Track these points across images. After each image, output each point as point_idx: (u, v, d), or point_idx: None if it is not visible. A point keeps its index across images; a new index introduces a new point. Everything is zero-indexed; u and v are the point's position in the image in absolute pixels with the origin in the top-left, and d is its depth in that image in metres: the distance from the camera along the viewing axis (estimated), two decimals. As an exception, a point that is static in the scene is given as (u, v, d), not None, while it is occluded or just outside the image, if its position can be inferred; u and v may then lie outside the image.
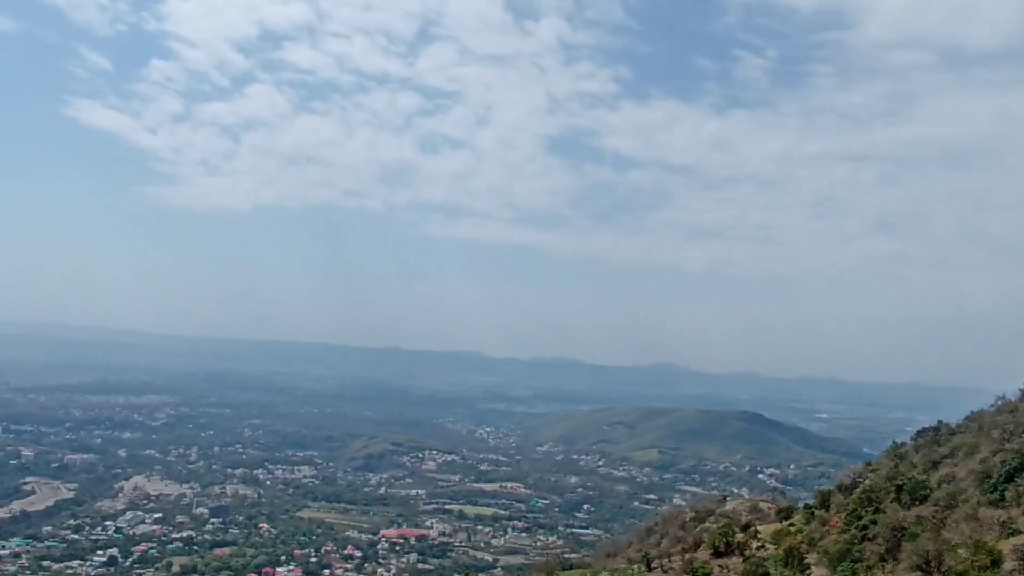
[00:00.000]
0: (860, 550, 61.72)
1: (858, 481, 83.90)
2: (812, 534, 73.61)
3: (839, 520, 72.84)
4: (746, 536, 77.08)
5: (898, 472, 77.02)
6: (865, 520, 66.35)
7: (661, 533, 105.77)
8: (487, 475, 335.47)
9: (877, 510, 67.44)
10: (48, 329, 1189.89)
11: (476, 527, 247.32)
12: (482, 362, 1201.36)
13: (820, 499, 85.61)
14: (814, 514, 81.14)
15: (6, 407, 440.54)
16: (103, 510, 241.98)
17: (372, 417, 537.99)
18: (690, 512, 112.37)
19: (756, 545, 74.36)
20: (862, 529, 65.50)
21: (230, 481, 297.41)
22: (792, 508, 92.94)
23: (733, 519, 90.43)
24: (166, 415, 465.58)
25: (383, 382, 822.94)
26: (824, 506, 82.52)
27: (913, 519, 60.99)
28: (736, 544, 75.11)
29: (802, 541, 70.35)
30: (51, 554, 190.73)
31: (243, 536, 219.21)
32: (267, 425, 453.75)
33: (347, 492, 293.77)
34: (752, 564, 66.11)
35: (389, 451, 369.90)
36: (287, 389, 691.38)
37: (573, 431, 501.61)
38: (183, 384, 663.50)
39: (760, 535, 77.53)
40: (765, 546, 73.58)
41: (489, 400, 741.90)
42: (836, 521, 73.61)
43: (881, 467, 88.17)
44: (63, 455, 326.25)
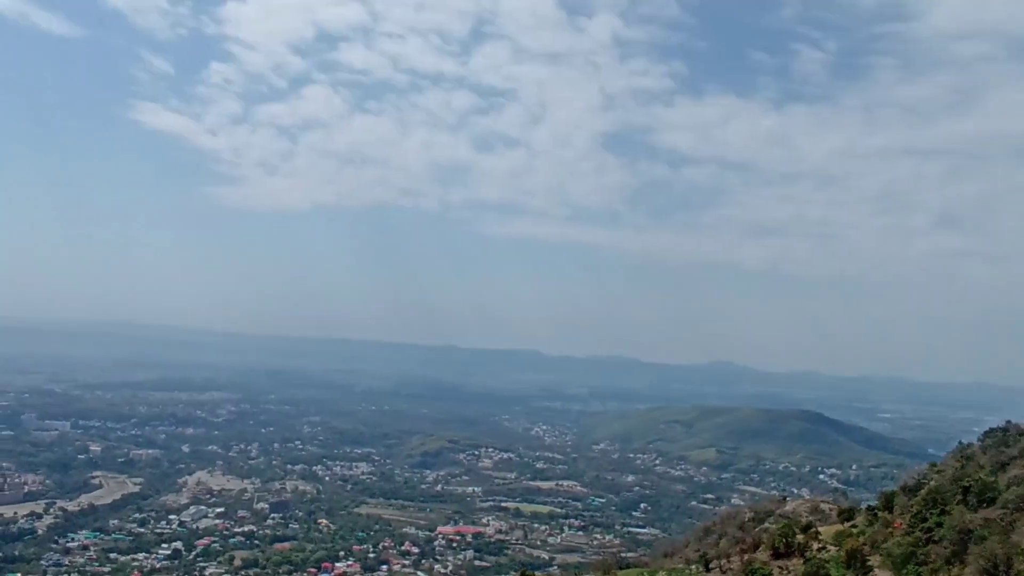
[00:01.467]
0: (925, 553, 60.22)
1: (923, 482, 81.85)
2: (875, 536, 71.97)
3: (903, 522, 71.10)
4: (807, 537, 75.71)
5: (965, 473, 74.87)
6: (930, 522, 64.65)
7: (719, 533, 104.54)
8: (543, 473, 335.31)
9: (943, 512, 65.62)
10: (115, 327, 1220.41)
11: (532, 525, 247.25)
12: (538, 360, 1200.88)
13: (883, 500, 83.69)
14: (877, 516, 79.35)
15: (75, 403, 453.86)
16: (167, 504, 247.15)
17: (428, 415, 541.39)
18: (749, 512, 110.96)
19: (817, 547, 72.97)
20: (927, 531, 63.86)
21: (290, 477, 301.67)
22: (854, 509, 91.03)
23: (793, 520, 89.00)
24: (228, 412, 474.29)
25: (439, 380, 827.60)
26: (888, 508, 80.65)
27: (980, 522, 59.26)
28: (796, 545, 73.83)
29: (865, 543, 68.80)
30: (118, 547, 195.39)
31: (303, 531, 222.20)
32: (326, 422, 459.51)
33: (404, 489, 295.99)
34: (813, 566, 64.90)
35: (445, 448, 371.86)
36: (345, 386, 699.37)
37: (629, 429, 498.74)
38: (244, 381, 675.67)
39: (821, 536, 76.09)
40: (826, 548, 72.16)
41: (545, 398, 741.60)
42: (900, 523, 71.87)
43: (947, 468, 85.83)
44: (129, 450, 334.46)
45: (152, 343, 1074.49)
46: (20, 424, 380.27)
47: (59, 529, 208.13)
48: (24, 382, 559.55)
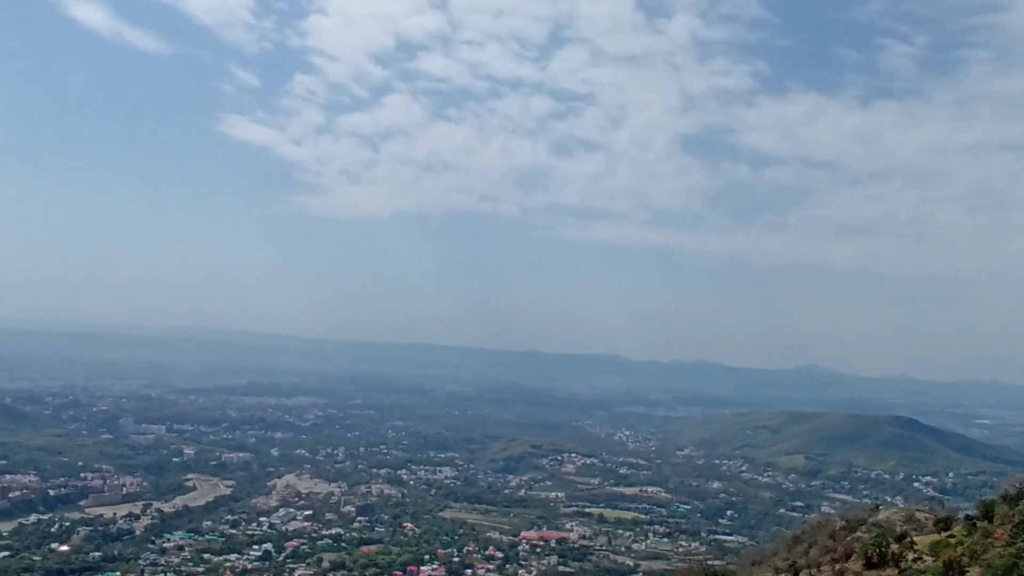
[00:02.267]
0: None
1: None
2: (974, 547, 69.10)
3: (1004, 532, 68.17)
4: (901, 547, 73.16)
5: (1071, 482, 71.47)
6: (1034, 533, 61.88)
7: (809, 542, 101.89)
8: (627, 479, 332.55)
9: (1048, 523, 62.76)
10: (206, 334, 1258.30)
11: (616, 531, 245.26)
12: (621, 365, 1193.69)
13: (983, 510, 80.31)
14: (976, 525, 76.17)
15: (169, 408, 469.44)
16: (258, 506, 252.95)
17: (511, 419, 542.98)
18: (840, 521, 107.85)
19: (912, 557, 70.48)
20: (1031, 543, 61.11)
21: (375, 481, 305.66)
22: (951, 519, 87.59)
23: (887, 529, 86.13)
24: (315, 416, 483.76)
25: (522, 385, 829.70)
26: (987, 517, 77.36)
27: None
28: (890, 555, 71.39)
29: (963, 554, 66.14)
30: (211, 547, 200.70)
31: (388, 534, 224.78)
32: (410, 427, 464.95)
33: (488, 493, 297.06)
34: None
35: (528, 453, 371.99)
36: (428, 391, 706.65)
37: (714, 435, 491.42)
38: (330, 386, 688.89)
39: (917, 547, 73.44)
40: (922, 558, 69.63)
41: (628, 403, 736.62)
42: (1001, 533, 68.91)
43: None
44: (221, 453, 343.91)
45: (241, 349, 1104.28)
46: (119, 428, 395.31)
47: (155, 529, 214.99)
48: (122, 387, 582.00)
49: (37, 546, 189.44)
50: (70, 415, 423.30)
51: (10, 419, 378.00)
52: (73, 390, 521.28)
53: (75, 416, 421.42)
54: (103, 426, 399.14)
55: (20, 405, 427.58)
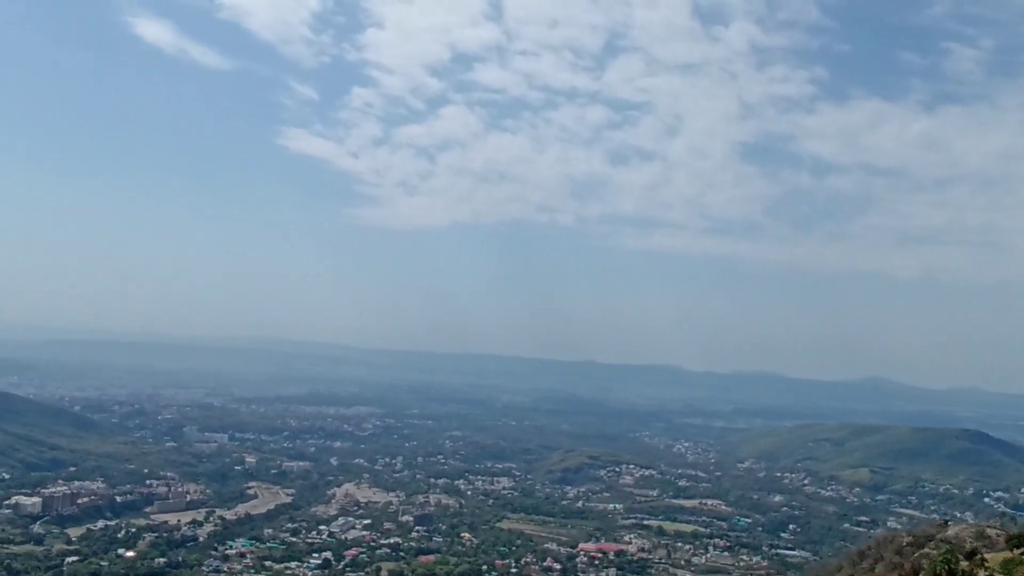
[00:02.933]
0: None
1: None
2: (1050, 565, 66.83)
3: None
4: (971, 564, 71.08)
5: None
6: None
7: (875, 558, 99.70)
8: (686, 491, 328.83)
9: None
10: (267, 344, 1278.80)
11: (676, 544, 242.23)
12: (679, 376, 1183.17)
13: (1059, 527, 77.73)
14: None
15: (232, 416, 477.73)
16: (317, 515, 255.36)
17: (568, 430, 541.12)
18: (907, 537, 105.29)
19: (983, 574, 68.38)
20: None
21: (433, 490, 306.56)
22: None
23: (956, 546, 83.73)
24: (373, 426, 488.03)
25: (578, 395, 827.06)
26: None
27: None
28: (960, 573, 69.39)
29: (1038, 573, 63.98)
30: (272, 555, 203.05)
31: (446, 544, 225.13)
32: (467, 437, 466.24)
33: (545, 504, 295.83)
34: (980, 595, 60.81)
35: (586, 464, 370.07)
36: (485, 402, 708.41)
37: (775, 448, 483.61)
38: (388, 396, 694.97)
39: (988, 564, 71.25)
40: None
41: (686, 414, 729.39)
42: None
43: None
44: (281, 462, 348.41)
45: (301, 359, 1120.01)
46: (183, 436, 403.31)
47: (218, 536, 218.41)
48: (186, 396, 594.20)
49: (104, 551, 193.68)
50: (136, 423, 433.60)
51: (79, 427, 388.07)
52: (139, 399, 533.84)
53: (141, 424, 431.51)
54: (168, 434, 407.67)
55: (88, 413, 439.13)
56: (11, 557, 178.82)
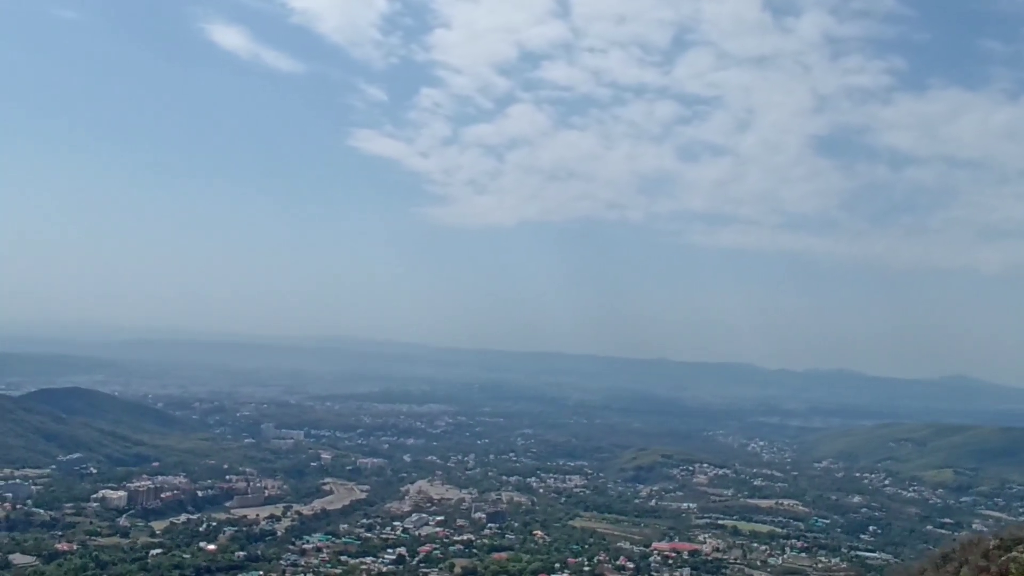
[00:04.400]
0: None
1: None
2: None
3: None
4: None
5: None
6: None
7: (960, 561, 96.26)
8: (761, 491, 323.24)
9: None
10: (340, 343, 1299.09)
11: (751, 544, 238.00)
12: (753, 374, 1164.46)
13: None
14: None
15: (307, 414, 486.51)
16: (391, 511, 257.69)
17: (640, 428, 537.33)
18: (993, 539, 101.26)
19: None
20: None
21: (505, 488, 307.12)
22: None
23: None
24: (445, 423, 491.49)
25: (651, 394, 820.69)
26: None
27: None
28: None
29: None
30: (347, 550, 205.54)
31: (519, 542, 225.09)
32: (538, 434, 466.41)
33: (617, 503, 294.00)
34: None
35: (659, 463, 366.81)
36: (557, 400, 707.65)
37: (854, 447, 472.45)
38: (460, 394, 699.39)
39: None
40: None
41: (761, 413, 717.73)
42: None
43: None
44: (356, 459, 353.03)
45: (374, 358, 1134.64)
46: (260, 433, 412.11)
47: (295, 531, 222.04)
48: (263, 394, 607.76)
49: (187, 544, 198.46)
50: (216, 420, 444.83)
51: (162, 423, 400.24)
52: (218, 396, 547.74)
53: (220, 421, 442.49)
54: (246, 431, 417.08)
55: (171, 410, 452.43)
56: (99, 549, 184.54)
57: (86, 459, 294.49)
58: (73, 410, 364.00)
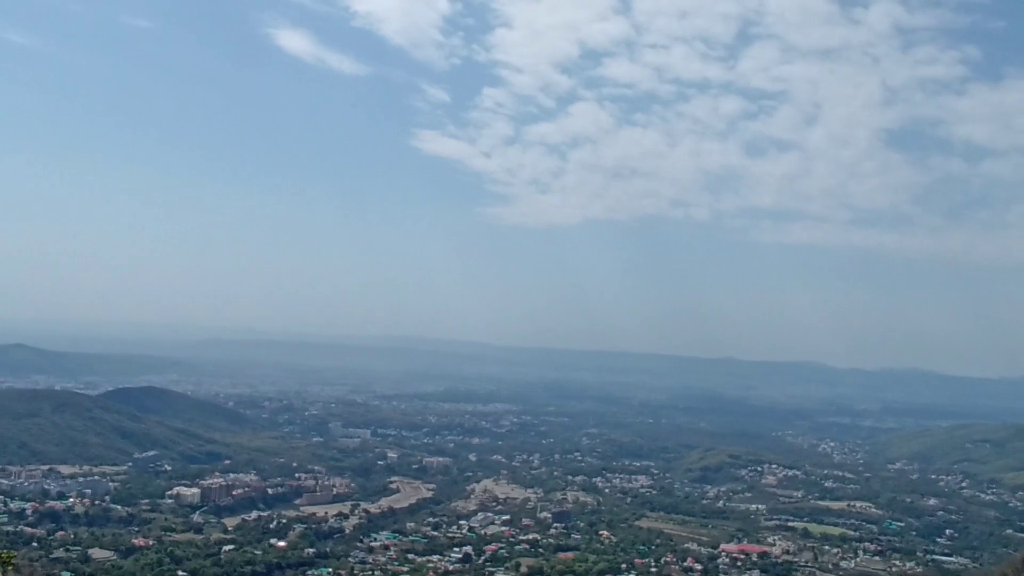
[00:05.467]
0: None
1: None
2: None
3: None
4: None
5: None
6: None
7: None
8: (832, 492, 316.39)
9: None
10: (405, 342, 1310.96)
11: (823, 547, 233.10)
12: (823, 373, 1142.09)
13: None
14: None
15: (374, 412, 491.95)
16: (457, 510, 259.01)
17: (707, 428, 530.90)
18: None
19: None
20: None
21: (570, 487, 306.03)
22: None
23: None
24: (510, 423, 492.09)
25: (717, 393, 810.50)
26: None
27: None
28: None
29: None
30: (414, 548, 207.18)
31: (585, 542, 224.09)
32: (603, 434, 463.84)
33: (684, 503, 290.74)
34: None
35: (726, 463, 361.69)
36: (621, 399, 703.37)
37: (929, 448, 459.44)
38: (524, 393, 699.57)
39: None
40: None
41: (832, 413, 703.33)
42: None
43: None
44: (422, 457, 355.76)
45: (439, 357, 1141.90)
46: (328, 431, 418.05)
47: (363, 529, 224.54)
48: (330, 393, 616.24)
49: (258, 541, 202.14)
50: (285, 419, 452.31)
51: (232, 422, 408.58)
52: (287, 395, 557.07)
53: (289, 420, 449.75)
54: (314, 429, 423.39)
55: (241, 409, 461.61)
56: (174, 544, 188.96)
57: (161, 456, 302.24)
58: (148, 409, 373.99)
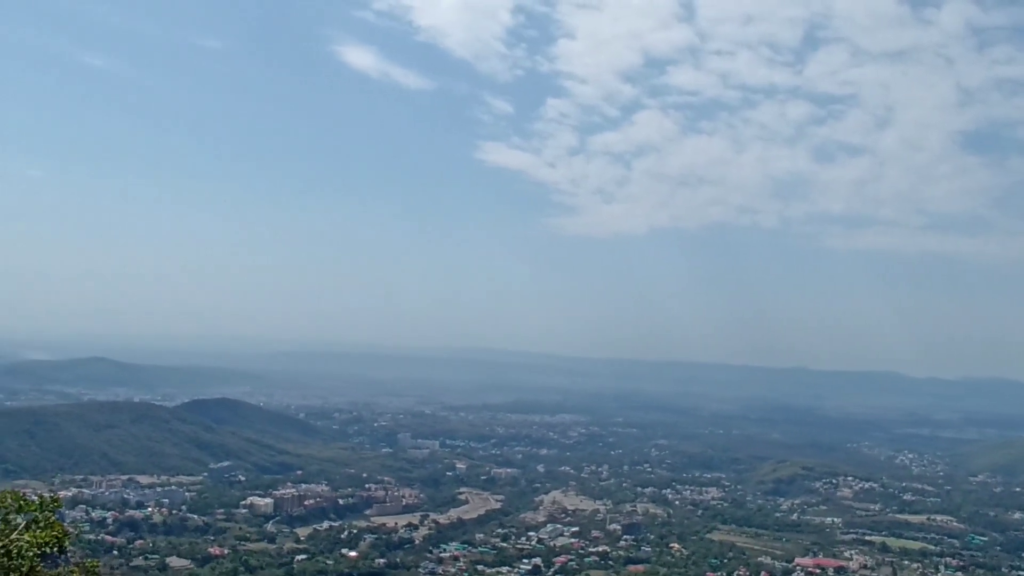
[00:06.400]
0: None
1: None
2: None
3: None
4: None
5: None
6: None
7: None
8: (911, 505, 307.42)
9: None
10: (472, 353, 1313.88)
11: (902, 562, 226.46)
12: (898, 382, 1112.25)
13: None
14: None
15: (442, 424, 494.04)
16: (526, 521, 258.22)
17: (779, 439, 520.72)
18: None
19: None
20: None
21: (640, 499, 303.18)
22: None
23: None
24: (578, 434, 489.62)
25: (789, 403, 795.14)
26: None
27: None
28: None
29: None
30: (483, 559, 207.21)
31: (655, 554, 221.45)
32: (673, 445, 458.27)
33: (757, 516, 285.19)
34: None
35: (799, 475, 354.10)
36: (690, 410, 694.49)
37: (1014, 460, 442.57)
38: (592, 404, 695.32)
39: None
40: None
41: (910, 424, 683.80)
42: None
43: None
44: (490, 468, 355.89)
45: (505, 368, 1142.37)
46: (397, 442, 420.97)
47: (432, 540, 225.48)
48: (399, 404, 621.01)
49: (329, 551, 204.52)
50: (354, 430, 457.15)
51: (304, 433, 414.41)
52: (356, 407, 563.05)
53: (359, 431, 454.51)
54: (383, 440, 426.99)
55: (312, 420, 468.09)
56: (248, 553, 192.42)
57: (235, 467, 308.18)
58: (222, 420, 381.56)
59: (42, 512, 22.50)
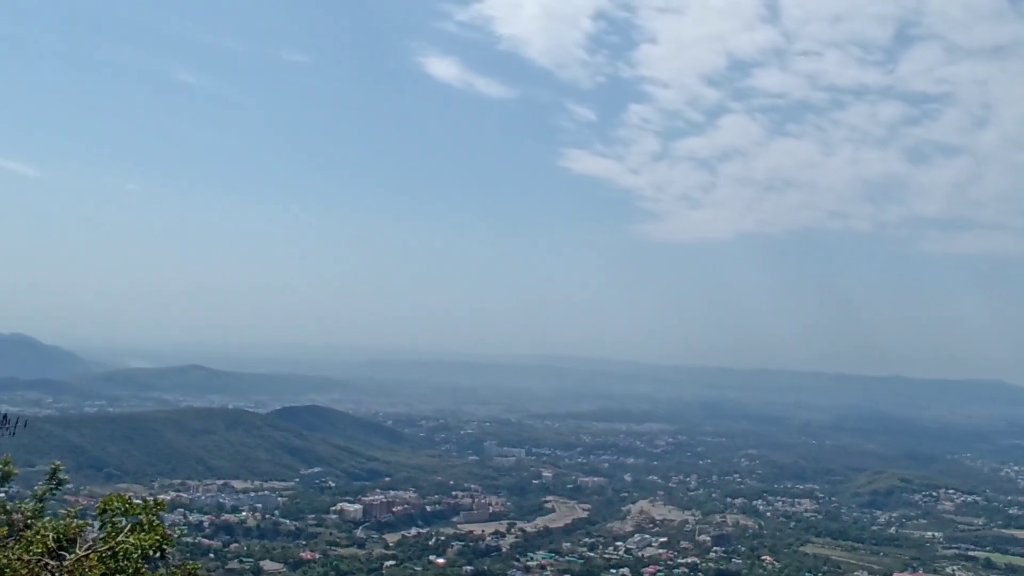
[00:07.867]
0: None
1: None
2: None
3: None
4: None
5: None
6: None
7: None
8: (1018, 520, 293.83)
9: None
10: (558, 361, 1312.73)
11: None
12: (1004, 391, 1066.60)
13: None
14: None
15: (528, 432, 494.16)
16: (613, 531, 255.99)
17: (875, 450, 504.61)
18: None
19: None
20: None
21: (730, 510, 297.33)
22: None
23: None
24: (665, 443, 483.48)
25: (885, 413, 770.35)
26: None
27: None
28: None
29: None
30: (571, 568, 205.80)
31: (746, 567, 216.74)
32: (763, 455, 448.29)
33: (852, 529, 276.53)
34: None
35: (897, 488, 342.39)
36: (781, 419, 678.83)
37: None
38: (680, 413, 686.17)
39: None
40: None
41: (1016, 435, 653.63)
42: None
43: None
44: (576, 477, 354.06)
45: (591, 376, 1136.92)
46: (483, 450, 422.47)
47: (519, 548, 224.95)
48: (485, 412, 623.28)
49: (417, 557, 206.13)
50: (441, 437, 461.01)
51: (391, 440, 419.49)
52: (443, 414, 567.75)
53: (446, 439, 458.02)
54: (469, 448, 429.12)
55: (399, 427, 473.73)
56: (338, 559, 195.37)
57: (325, 473, 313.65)
58: (312, 427, 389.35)
59: (146, 515, 22.94)
